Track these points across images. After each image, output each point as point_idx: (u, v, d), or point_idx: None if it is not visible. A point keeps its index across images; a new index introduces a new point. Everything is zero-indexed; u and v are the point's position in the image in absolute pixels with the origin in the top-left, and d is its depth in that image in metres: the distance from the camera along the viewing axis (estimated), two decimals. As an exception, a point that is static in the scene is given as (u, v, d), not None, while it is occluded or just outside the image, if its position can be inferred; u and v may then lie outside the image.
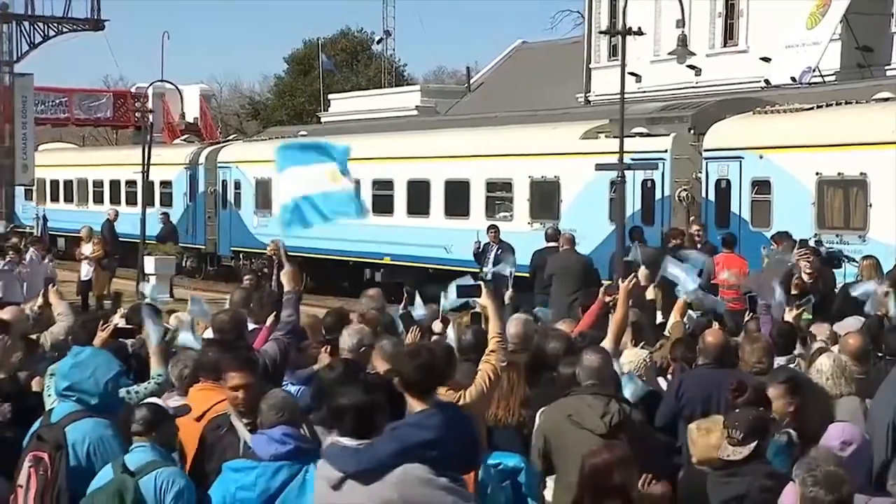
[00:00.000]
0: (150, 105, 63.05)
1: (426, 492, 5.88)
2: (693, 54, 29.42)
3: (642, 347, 10.27)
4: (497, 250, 25.59)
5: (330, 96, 63.51)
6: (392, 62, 74.52)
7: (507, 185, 31.27)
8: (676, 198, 26.46)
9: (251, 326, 10.73)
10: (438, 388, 7.51)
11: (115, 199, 49.56)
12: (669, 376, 10.26)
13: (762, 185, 24.52)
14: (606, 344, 9.54)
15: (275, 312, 9.96)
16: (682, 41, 27.18)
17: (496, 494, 7.58)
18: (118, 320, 9.89)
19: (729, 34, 38.66)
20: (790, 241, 18.81)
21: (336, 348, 9.82)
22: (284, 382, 9.02)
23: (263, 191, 40.45)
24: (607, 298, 11.24)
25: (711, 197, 25.69)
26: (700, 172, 26.17)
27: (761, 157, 24.53)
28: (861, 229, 22.32)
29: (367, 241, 35.00)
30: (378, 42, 75.86)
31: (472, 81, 59.31)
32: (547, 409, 7.68)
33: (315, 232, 35.10)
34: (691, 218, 24.59)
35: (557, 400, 7.97)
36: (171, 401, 7.92)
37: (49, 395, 8.38)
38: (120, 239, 37.09)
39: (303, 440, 6.59)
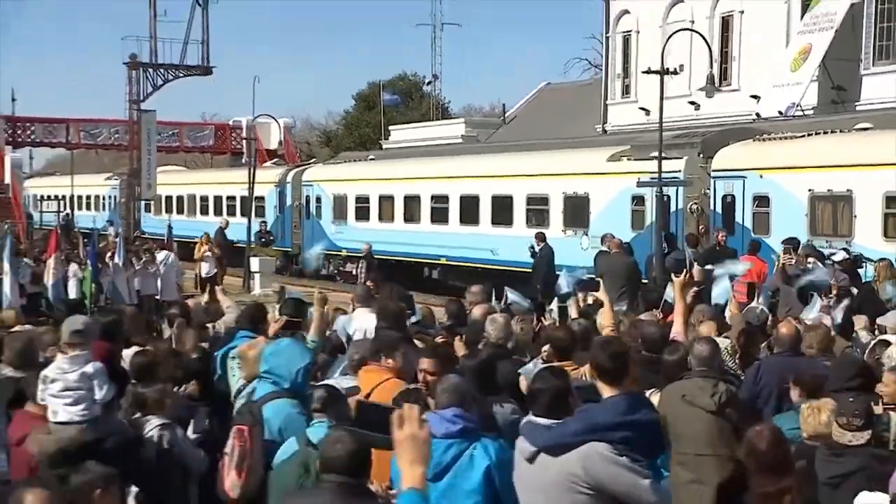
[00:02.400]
0: (243, 135, 63.79)
1: (607, 468, 5.53)
2: (719, 90, 29.38)
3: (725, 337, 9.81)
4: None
5: (390, 127, 63.32)
6: (439, 100, 74.64)
7: (544, 200, 30.90)
8: (688, 210, 26.16)
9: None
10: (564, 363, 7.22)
11: (217, 211, 49.70)
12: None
13: (762, 200, 24.26)
14: (676, 330, 9.23)
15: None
16: (711, 80, 27.56)
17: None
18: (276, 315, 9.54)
19: (724, 75, 38.24)
20: (813, 250, 18.68)
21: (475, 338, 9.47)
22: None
23: (339, 204, 40.47)
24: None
25: (719, 210, 25.39)
26: (708, 189, 25.82)
27: (761, 177, 24.26)
28: (847, 236, 21.96)
29: (426, 245, 35.08)
30: (428, 84, 76.00)
31: (506, 115, 58.86)
32: (664, 391, 7.35)
33: (381, 237, 35.76)
34: (715, 227, 24.18)
35: (667, 382, 7.65)
36: (344, 381, 7.57)
37: (233, 376, 8.15)
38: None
39: (471, 421, 6.23)
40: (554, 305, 11.39)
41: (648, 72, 28.76)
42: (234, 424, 6.62)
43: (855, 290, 15.59)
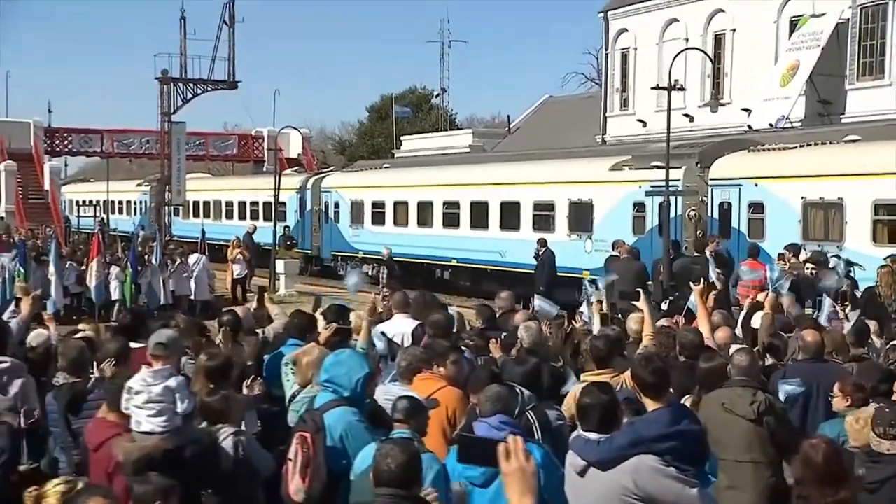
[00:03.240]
0: (265, 145, 63.73)
1: (656, 480, 5.40)
2: (725, 104, 29.32)
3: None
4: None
5: (402, 137, 63.19)
6: (447, 111, 74.56)
7: (550, 206, 30.67)
8: (687, 216, 25.99)
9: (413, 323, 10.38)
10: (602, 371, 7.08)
11: (242, 216, 49.61)
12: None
13: (757, 207, 24.07)
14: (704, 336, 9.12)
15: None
16: (714, 96, 27.35)
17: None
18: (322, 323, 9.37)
19: (717, 90, 38.13)
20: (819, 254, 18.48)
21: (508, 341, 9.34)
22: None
23: (357, 209, 40.37)
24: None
25: (716, 216, 25.18)
26: (706, 197, 25.65)
27: (756, 185, 24.06)
28: (838, 241, 21.79)
29: (438, 248, 34.97)
30: (437, 96, 75.91)
31: (511, 126, 58.80)
32: (704, 399, 7.21)
33: (396, 240, 35.64)
34: (711, 234, 23.97)
35: (700, 388, 7.54)
36: (395, 387, 7.42)
37: (287, 381, 8.03)
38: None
39: (516, 427, 6.11)
40: (584, 309, 11.28)
41: (656, 88, 28.54)
42: (296, 431, 6.49)
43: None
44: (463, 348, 8.40)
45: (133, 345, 8.12)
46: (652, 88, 30.64)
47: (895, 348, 9.36)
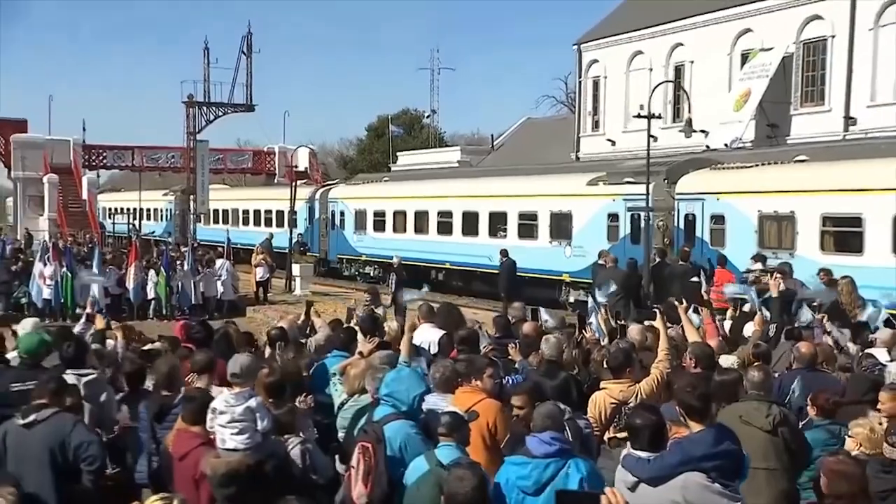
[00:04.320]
0: (277, 160, 63.31)
1: (704, 495, 5.22)
2: (696, 131, 29.26)
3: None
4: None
5: (397, 153, 62.92)
6: (437, 130, 74.40)
7: (533, 216, 30.52)
8: (656, 226, 25.87)
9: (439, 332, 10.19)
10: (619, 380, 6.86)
11: (257, 223, 49.27)
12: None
13: (718, 218, 23.94)
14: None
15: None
16: (689, 123, 27.17)
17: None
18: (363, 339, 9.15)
19: (677, 114, 38.12)
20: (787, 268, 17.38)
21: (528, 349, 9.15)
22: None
23: (360, 217, 40.14)
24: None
25: (681, 226, 25.06)
26: (673, 209, 25.53)
27: (718, 199, 23.96)
28: (790, 249, 21.73)
29: (433, 252, 34.76)
30: (427, 117, 75.78)
31: (494, 143, 58.62)
32: (722, 412, 6.97)
33: (395, 245, 35.43)
34: (683, 244, 23.83)
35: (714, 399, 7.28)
36: (439, 399, 7.16)
37: (336, 391, 7.83)
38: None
39: (566, 442, 5.94)
40: (593, 320, 11.07)
41: (638, 116, 28.33)
42: (358, 441, 6.31)
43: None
44: (494, 359, 8.18)
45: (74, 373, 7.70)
46: (635, 117, 30.35)
47: (868, 356, 9.21)
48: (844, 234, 20.87)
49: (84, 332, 9.54)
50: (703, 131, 34.89)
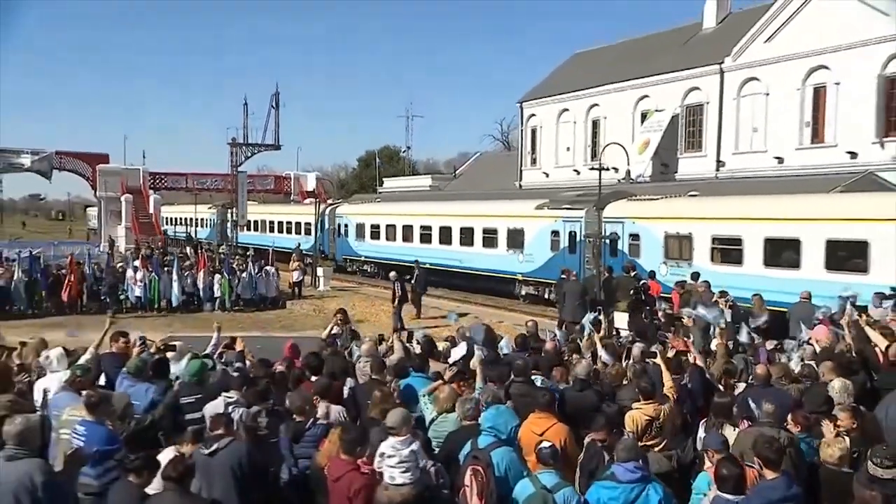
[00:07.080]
0: (292, 183, 62.21)
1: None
2: (607, 169, 28.92)
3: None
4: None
5: (383, 179, 62.05)
6: (411, 162, 73.68)
7: (494, 231, 30.04)
8: (587, 241, 25.64)
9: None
10: (647, 402, 6.48)
11: (281, 231, 48.14)
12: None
13: (635, 236, 23.74)
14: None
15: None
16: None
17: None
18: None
19: (593, 155, 37.99)
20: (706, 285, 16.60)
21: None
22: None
23: (359, 229, 39.38)
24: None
25: (608, 242, 24.76)
26: (602, 230, 25.26)
27: (634, 223, 23.76)
28: (689, 260, 21.62)
29: (417, 256, 33.99)
30: (404, 152, 74.96)
31: (456, 172, 58.04)
32: (737, 437, 6.55)
33: (387, 250, 34.73)
34: (626, 260, 23.43)
35: (714, 418, 6.92)
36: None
37: (426, 409, 7.27)
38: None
39: (646, 470, 5.53)
40: (593, 337, 10.40)
41: (594, 169, 27.73)
42: (468, 465, 5.81)
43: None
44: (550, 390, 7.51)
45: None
46: (592, 170, 29.91)
47: (807, 365, 8.87)
48: (729, 251, 20.79)
49: (223, 354, 8.94)
50: (614, 168, 34.89)
